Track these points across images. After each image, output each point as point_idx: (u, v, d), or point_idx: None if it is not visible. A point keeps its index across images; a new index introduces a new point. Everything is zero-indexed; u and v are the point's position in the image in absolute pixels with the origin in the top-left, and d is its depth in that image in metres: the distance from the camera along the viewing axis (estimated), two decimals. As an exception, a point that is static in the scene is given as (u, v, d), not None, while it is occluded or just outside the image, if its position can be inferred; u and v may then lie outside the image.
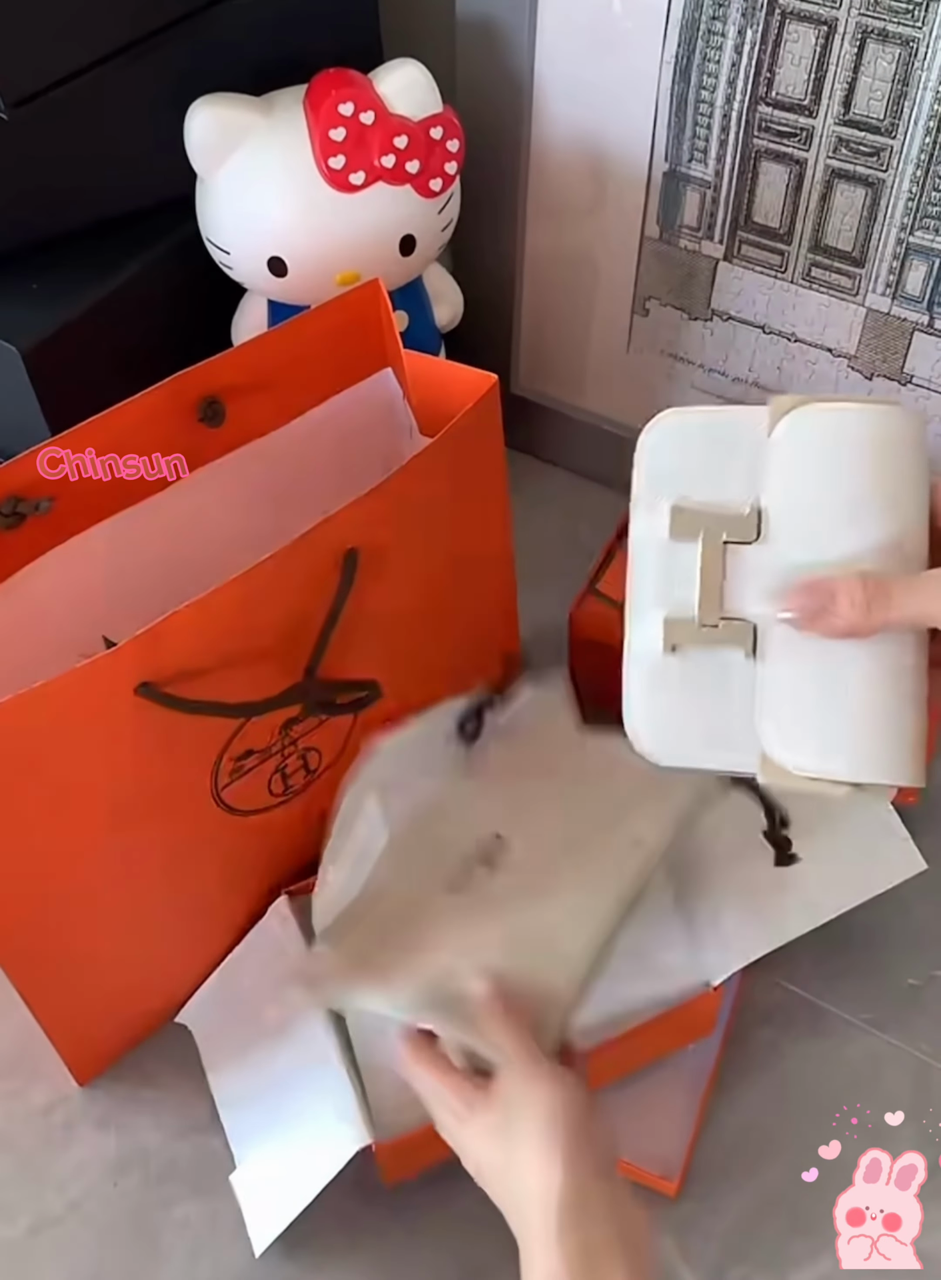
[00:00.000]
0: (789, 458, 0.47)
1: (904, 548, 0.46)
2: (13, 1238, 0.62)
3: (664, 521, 0.48)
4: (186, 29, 0.72)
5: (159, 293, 0.79)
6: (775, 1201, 0.61)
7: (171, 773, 0.58)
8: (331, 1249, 0.61)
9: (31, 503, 0.59)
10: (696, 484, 0.48)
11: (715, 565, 0.47)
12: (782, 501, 0.47)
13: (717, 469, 0.48)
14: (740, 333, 0.83)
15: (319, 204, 0.72)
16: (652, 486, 0.49)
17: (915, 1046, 0.66)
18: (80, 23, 0.67)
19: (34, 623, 0.60)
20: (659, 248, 0.82)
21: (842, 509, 0.46)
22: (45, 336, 0.72)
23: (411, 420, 0.67)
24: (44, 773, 0.53)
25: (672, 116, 0.76)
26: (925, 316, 0.75)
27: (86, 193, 0.78)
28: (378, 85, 0.71)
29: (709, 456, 0.48)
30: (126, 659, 0.51)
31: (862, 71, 0.69)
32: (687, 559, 0.47)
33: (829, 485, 0.47)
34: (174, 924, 0.65)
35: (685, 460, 0.49)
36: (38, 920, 0.58)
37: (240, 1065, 0.65)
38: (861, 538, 0.46)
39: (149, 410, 0.60)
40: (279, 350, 0.64)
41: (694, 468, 0.48)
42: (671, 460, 0.49)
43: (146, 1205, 0.63)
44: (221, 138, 0.72)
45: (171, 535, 0.64)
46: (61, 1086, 0.66)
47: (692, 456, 0.49)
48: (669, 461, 0.49)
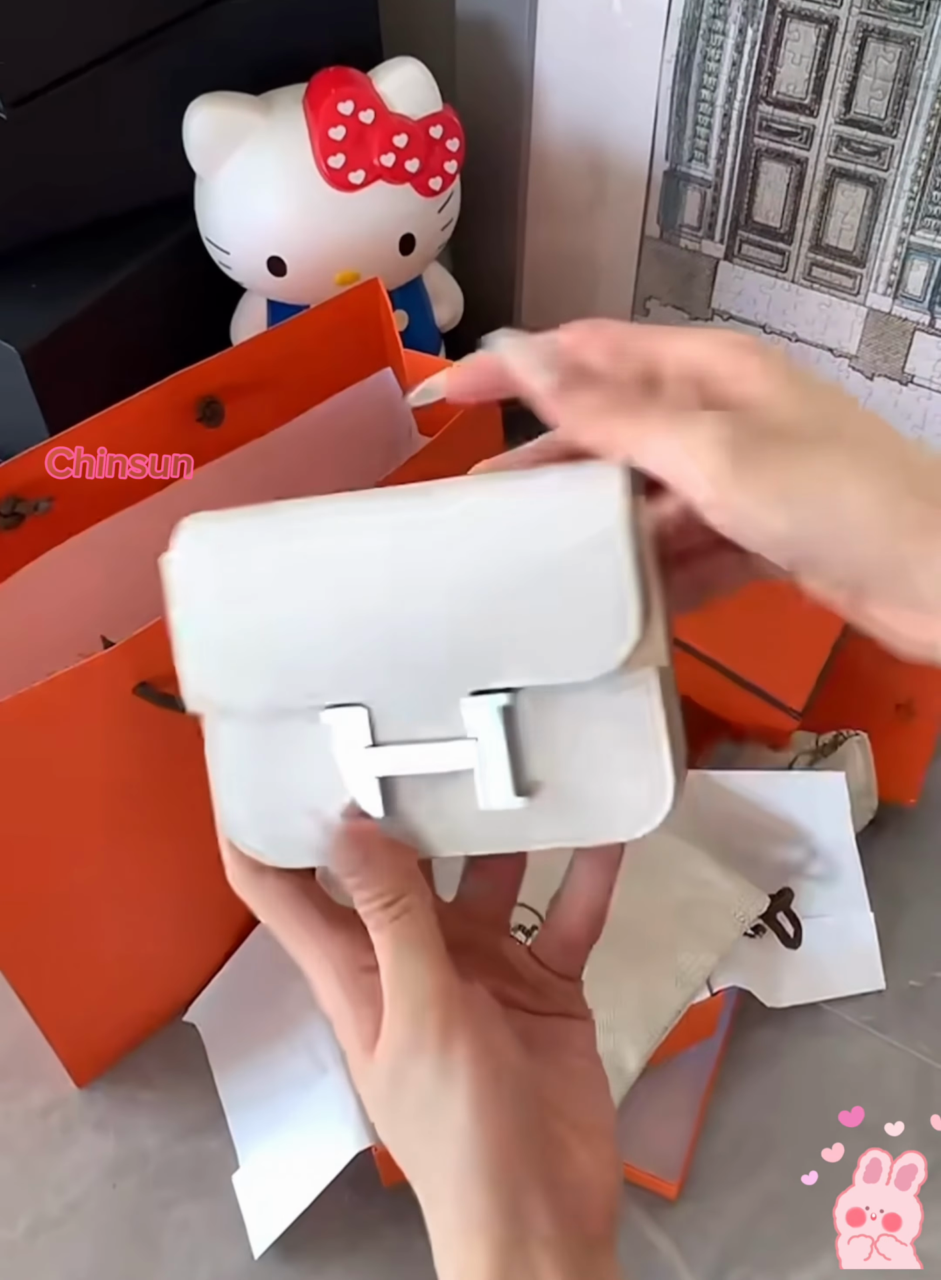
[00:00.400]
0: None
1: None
2: (11, 1239, 0.62)
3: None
4: (185, 28, 0.72)
5: (158, 292, 0.79)
6: (775, 1202, 0.61)
7: (170, 772, 0.57)
8: (331, 1250, 0.61)
9: (30, 503, 0.58)
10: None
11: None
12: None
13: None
14: (741, 332, 0.82)
15: (318, 203, 0.72)
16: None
17: (915, 1048, 0.66)
18: (79, 22, 0.67)
19: (33, 623, 0.60)
20: (659, 247, 0.82)
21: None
22: (44, 336, 0.72)
23: (410, 420, 0.67)
24: (42, 772, 0.52)
25: (673, 115, 0.76)
26: (926, 316, 0.75)
27: (86, 192, 0.78)
28: (377, 84, 0.71)
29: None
30: (125, 659, 0.50)
31: (863, 70, 0.69)
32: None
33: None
34: (173, 925, 0.65)
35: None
36: (36, 921, 0.58)
37: (246, 1066, 0.65)
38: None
39: (148, 410, 0.60)
40: (278, 350, 0.64)
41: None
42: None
43: (145, 1207, 0.62)
44: (221, 137, 0.72)
45: (170, 535, 0.64)
46: (60, 1088, 0.66)
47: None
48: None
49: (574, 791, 0.36)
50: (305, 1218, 0.58)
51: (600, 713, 0.35)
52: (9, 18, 0.64)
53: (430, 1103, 0.36)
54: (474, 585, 0.35)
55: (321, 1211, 0.58)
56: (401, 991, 0.36)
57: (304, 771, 0.37)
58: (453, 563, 0.35)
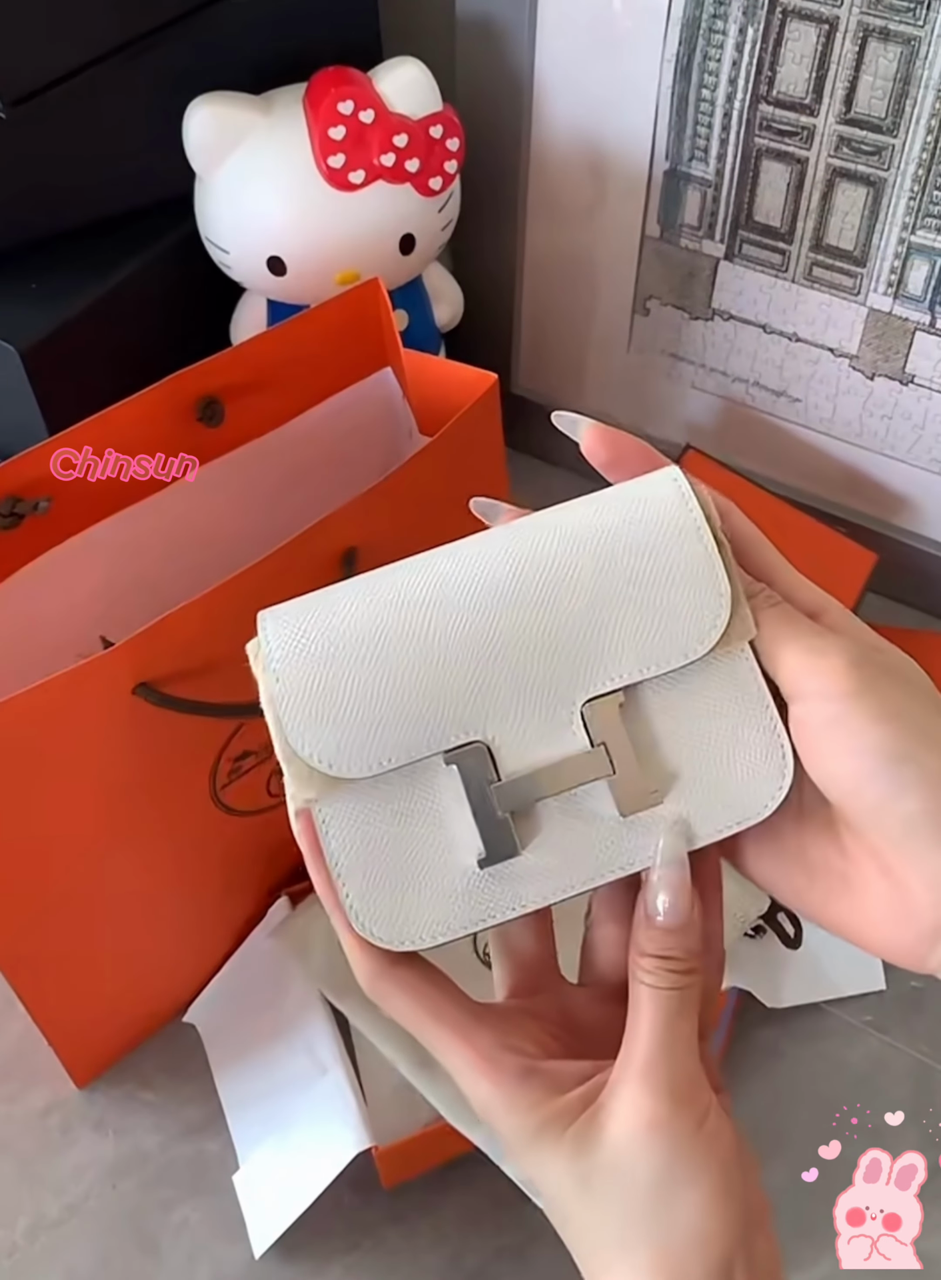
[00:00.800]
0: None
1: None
2: (11, 1240, 0.62)
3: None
4: (185, 27, 0.72)
5: (157, 292, 0.78)
6: (775, 1202, 0.61)
7: (169, 773, 0.57)
8: (330, 1251, 0.61)
9: (30, 503, 0.58)
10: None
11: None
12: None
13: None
14: (741, 332, 0.82)
15: (318, 203, 0.72)
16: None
17: (916, 1048, 0.66)
18: (78, 21, 0.67)
19: (32, 623, 0.60)
20: (659, 247, 0.82)
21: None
22: (44, 336, 0.72)
23: (411, 420, 0.67)
24: (41, 773, 0.52)
25: (673, 115, 0.76)
26: (927, 316, 0.75)
27: (85, 192, 0.77)
28: (377, 83, 0.71)
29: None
30: (124, 659, 0.50)
31: (864, 70, 0.69)
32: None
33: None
34: (173, 926, 0.65)
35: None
36: (36, 922, 0.58)
37: (246, 1066, 0.65)
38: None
39: (147, 410, 0.60)
40: (278, 350, 0.64)
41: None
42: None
43: (145, 1208, 0.62)
44: (220, 136, 0.72)
45: (170, 535, 0.64)
46: (59, 1089, 0.66)
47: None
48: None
49: (701, 778, 0.36)
50: (305, 1218, 0.58)
51: (707, 693, 0.36)
52: (8, 17, 0.64)
53: (669, 1181, 0.34)
54: (567, 590, 0.35)
55: (321, 1212, 0.58)
56: (666, 1064, 0.34)
57: (425, 833, 0.35)
58: (540, 572, 0.35)
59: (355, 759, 0.35)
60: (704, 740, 0.36)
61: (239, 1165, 0.62)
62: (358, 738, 0.35)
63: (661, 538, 0.36)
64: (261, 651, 0.36)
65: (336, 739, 0.35)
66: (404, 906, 0.35)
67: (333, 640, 0.35)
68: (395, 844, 0.35)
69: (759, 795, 0.36)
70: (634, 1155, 0.34)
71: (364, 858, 0.35)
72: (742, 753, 0.36)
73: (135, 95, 0.74)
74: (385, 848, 0.35)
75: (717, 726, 0.36)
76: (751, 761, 0.36)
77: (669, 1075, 0.34)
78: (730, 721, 0.36)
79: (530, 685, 0.35)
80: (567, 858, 0.35)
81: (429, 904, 0.35)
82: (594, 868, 0.35)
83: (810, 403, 0.83)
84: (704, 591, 0.35)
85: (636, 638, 0.35)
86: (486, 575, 0.36)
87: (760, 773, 0.36)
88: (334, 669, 0.35)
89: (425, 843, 0.35)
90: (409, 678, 0.35)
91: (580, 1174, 0.34)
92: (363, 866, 0.35)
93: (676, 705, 0.36)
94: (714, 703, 0.36)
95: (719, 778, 0.36)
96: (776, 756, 0.36)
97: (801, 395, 0.83)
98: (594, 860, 0.35)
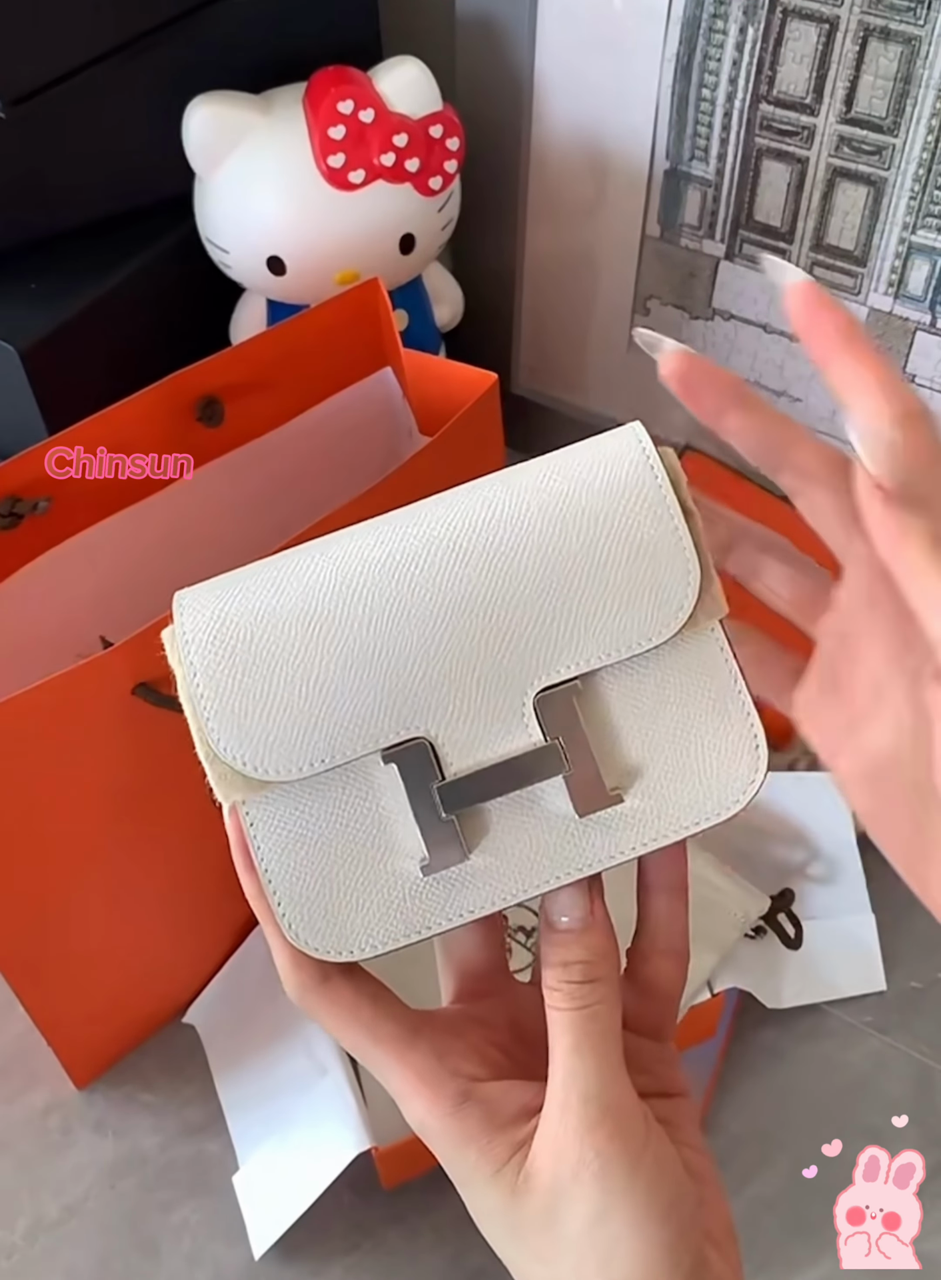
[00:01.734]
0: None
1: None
2: (11, 1241, 0.61)
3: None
4: (185, 27, 0.72)
5: (157, 292, 0.78)
6: (776, 1203, 0.61)
7: (169, 773, 0.57)
8: (330, 1252, 0.60)
9: (29, 503, 0.58)
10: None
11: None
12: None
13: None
14: (742, 332, 0.82)
15: (318, 202, 0.72)
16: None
17: (916, 1049, 0.66)
18: (78, 20, 0.67)
19: (31, 623, 0.60)
20: (660, 247, 0.82)
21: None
22: (43, 336, 0.72)
23: (411, 419, 0.67)
24: (40, 773, 0.52)
25: (673, 115, 0.76)
26: (927, 316, 0.75)
27: (84, 191, 0.77)
28: (377, 83, 0.71)
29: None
30: (123, 659, 0.50)
31: (864, 70, 0.69)
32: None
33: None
34: (172, 926, 0.64)
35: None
36: (35, 922, 0.58)
37: (246, 1067, 0.65)
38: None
39: (147, 410, 0.60)
40: (278, 349, 0.64)
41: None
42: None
43: (145, 1208, 0.62)
44: (220, 136, 0.72)
45: (169, 535, 0.64)
46: (59, 1090, 0.65)
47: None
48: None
49: (666, 772, 0.32)
50: (305, 1219, 0.58)
51: (672, 677, 0.32)
52: (8, 17, 0.63)
53: (604, 1233, 0.31)
54: (516, 568, 0.32)
55: (321, 1213, 0.58)
56: (588, 1099, 0.31)
57: (363, 837, 0.32)
58: (485, 548, 0.32)
59: (282, 760, 0.32)
60: (669, 730, 0.32)
61: (239, 1166, 0.62)
62: (285, 737, 0.32)
63: (622, 505, 0.32)
64: (177, 639, 0.33)
65: (261, 739, 0.32)
66: (340, 915, 0.32)
67: (255, 627, 0.32)
68: (330, 848, 0.32)
69: (729, 789, 0.32)
70: (562, 1207, 0.31)
71: (296, 862, 0.32)
72: (712, 742, 0.32)
73: (135, 95, 0.74)
74: (319, 852, 0.32)
75: (684, 714, 0.32)
76: (721, 752, 0.33)
77: (594, 1111, 0.31)
78: (698, 709, 0.32)
79: (476, 676, 0.32)
80: (519, 861, 0.32)
81: (367, 912, 0.32)
82: (548, 871, 0.32)
83: (810, 403, 0.82)
84: (669, 566, 0.32)
85: (594, 620, 0.32)
86: (427, 552, 0.32)
87: (731, 764, 0.33)
88: (257, 660, 0.32)
89: (363, 847, 0.32)
90: (341, 669, 0.32)
91: (510, 1225, 0.32)
92: (295, 872, 0.32)
93: (638, 692, 0.32)
94: (679, 689, 0.32)
95: (685, 770, 0.32)
96: (749, 746, 0.33)
97: (802, 395, 0.83)
98: (548, 863, 0.32)
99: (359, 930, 0.32)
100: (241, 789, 0.32)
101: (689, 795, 0.32)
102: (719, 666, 0.33)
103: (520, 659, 0.32)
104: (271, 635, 0.32)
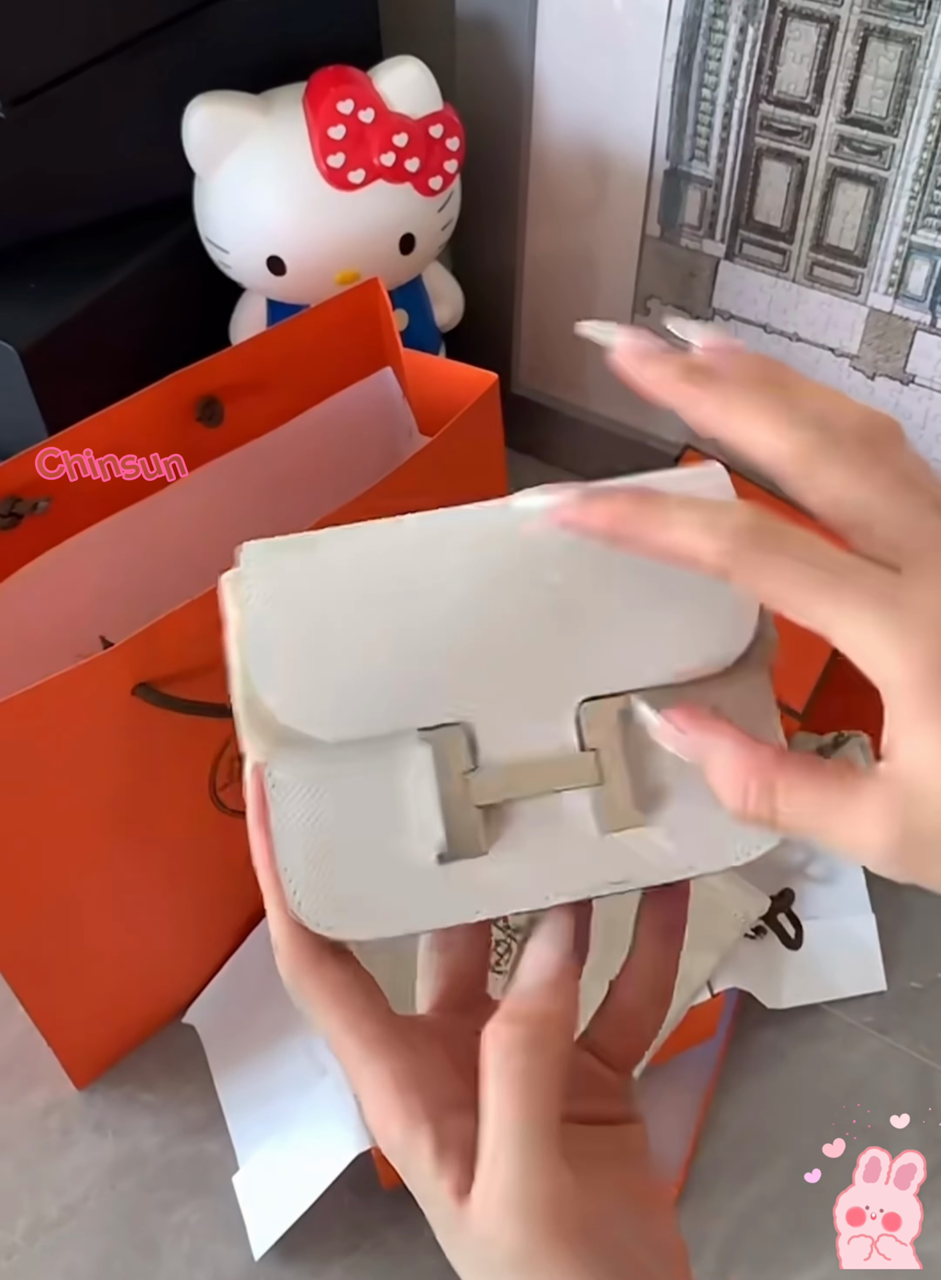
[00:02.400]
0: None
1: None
2: (10, 1241, 0.61)
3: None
4: (185, 27, 0.72)
5: (157, 292, 0.78)
6: (776, 1204, 0.61)
7: (169, 773, 0.57)
8: (330, 1252, 0.60)
9: (29, 503, 0.58)
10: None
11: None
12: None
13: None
14: (742, 332, 0.82)
15: (318, 202, 0.72)
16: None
17: (916, 1049, 0.66)
18: (78, 20, 0.67)
19: (31, 623, 0.60)
20: (660, 247, 0.82)
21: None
22: (43, 336, 0.72)
23: (411, 419, 0.67)
24: (40, 773, 0.52)
25: (674, 114, 0.76)
26: (927, 316, 0.75)
27: (84, 191, 0.77)
28: (377, 83, 0.71)
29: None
30: (123, 659, 0.50)
31: (864, 69, 0.69)
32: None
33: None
34: (173, 926, 0.64)
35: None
36: (35, 922, 0.58)
37: (246, 1067, 0.65)
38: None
39: (147, 410, 0.60)
40: (277, 349, 0.64)
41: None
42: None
43: (144, 1208, 0.62)
44: (220, 136, 0.72)
45: (170, 535, 0.64)
46: (59, 1090, 0.65)
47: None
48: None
49: (690, 806, 0.32)
50: (305, 1219, 0.58)
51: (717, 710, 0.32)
52: (7, 16, 0.63)
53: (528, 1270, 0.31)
54: (582, 579, 0.32)
55: (321, 1213, 0.58)
56: (512, 1148, 0.30)
57: (383, 816, 0.32)
58: (555, 557, 0.32)
59: (323, 717, 0.31)
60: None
61: (239, 1166, 0.62)
62: (330, 695, 0.31)
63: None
64: (241, 585, 0.33)
65: (305, 690, 0.31)
66: (347, 892, 0.31)
67: (321, 587, 0.32)
68: (348, 822, 0.32)
69: (740, 841, 0.32)
70: (493, 1255, 0.32)
71: (312, 831, 0.32)
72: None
73: (135, 95, 0.74)
74: (337, 824, 0.32)
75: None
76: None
77: (517, 1196, 0.31)
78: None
79: (528, 672, 0.32)
80: (532, 868, 0.32)
81: (374, 894, 0.31)
82: (558, 883, 0.32)
83: (810, 403, 0.82)
84: (728, 605, 0.31)
85: (656, 641, 0.32)
86: (503, 542, 0.32)
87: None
88: (313, 618, 0.32)
89: (382, 827, 0.32)
90: (398, 642, 0.31)
91: (451, 1244, 0.33)
92: (308, 840, 0.32)
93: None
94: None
95: (705, 810, 0.31)
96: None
97: (801, 395, 0.82)
98: (559, 875, 0.32)
99: (362, 911, 0.31)
100: (272, 741, 0.32)
101: (703, 835, 0.32)
102: (759, 709, 0.32)
103: (574, 665, 0.32)
104: (335, 596, 0.32)
